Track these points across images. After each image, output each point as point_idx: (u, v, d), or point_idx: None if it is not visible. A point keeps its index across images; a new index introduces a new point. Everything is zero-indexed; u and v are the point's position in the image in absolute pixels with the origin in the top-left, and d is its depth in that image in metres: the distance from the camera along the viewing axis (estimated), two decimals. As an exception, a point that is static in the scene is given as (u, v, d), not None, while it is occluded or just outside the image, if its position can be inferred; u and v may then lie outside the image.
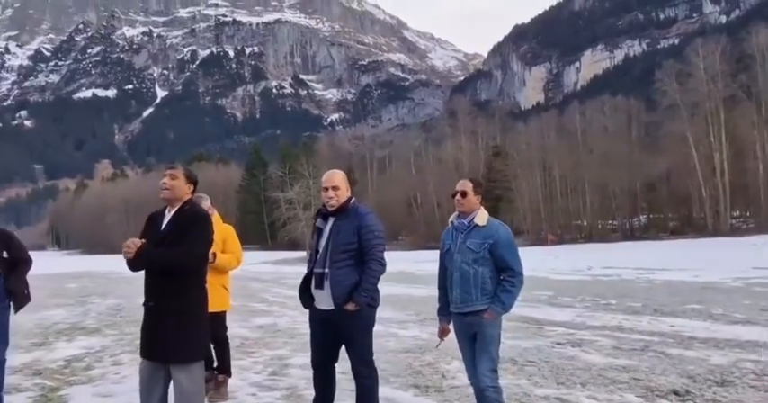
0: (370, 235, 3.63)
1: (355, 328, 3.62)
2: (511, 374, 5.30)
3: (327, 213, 3.72)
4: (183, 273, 3.27)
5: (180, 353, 3.25)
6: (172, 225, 3.33)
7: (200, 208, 3.55)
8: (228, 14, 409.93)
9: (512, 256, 3.64)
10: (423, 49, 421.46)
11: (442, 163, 65.27)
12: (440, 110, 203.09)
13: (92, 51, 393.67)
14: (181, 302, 3.27)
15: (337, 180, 3.69)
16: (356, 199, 3.77)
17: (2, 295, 4.44)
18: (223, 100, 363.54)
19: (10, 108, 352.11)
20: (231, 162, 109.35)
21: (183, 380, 3.25)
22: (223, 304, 5.01)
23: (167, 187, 3.39)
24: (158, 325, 3.26)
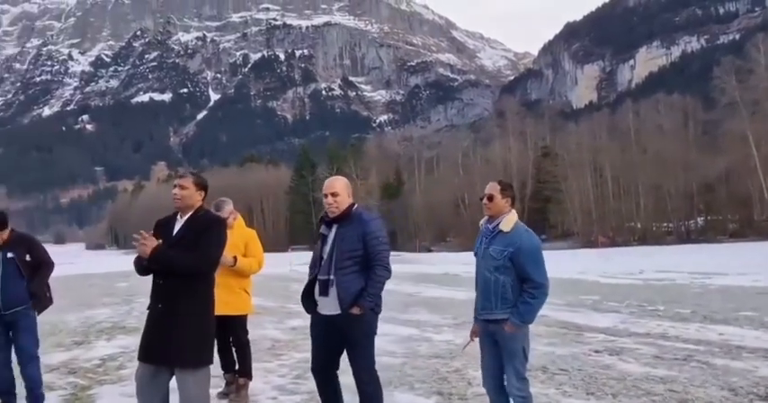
0: (375, 241, 3.62)
1: (358, 334, 3.61)
2: (540, 383, 5.12)
3: (330, 220, 3.71)
4: (196, 276, 3.27)
5: (189, 357, 3.22)
6: (185, 230, 3.33)
7: (213, 213, 3.56)
8: (279, 18, 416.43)
9: (534, 266, 3.56)
10: (472, 49, 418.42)
11: (491, 164, 64.55)
12: (489, 110, 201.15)
13: (149, 57, 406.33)
14: (190, 305, 3.26)
15: (337, 187, 3.66)
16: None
17: (26, 297, 4.57)
18: (274, 102, 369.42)
19: (73, 112, 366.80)
20: (281, 163, 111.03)
21: (191, 385, 3.22)
22: (244, 307, 5.03)
23: (178, 198, 3.40)
24: (167, 328, 3.23)
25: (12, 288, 4.49)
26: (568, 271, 22.06)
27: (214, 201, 5.03)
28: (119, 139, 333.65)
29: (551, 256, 27.43)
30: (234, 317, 4.93)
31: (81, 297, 14.69)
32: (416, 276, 22.43)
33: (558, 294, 13.09)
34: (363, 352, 3.66)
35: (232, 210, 5.06)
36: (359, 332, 3.61)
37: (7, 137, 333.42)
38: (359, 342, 3.63)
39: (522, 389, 3.63)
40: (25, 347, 4.61)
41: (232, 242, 4.86)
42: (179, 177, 3.48)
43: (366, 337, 3.66)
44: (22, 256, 4.60)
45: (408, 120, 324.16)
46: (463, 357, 6.25)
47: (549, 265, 3.77)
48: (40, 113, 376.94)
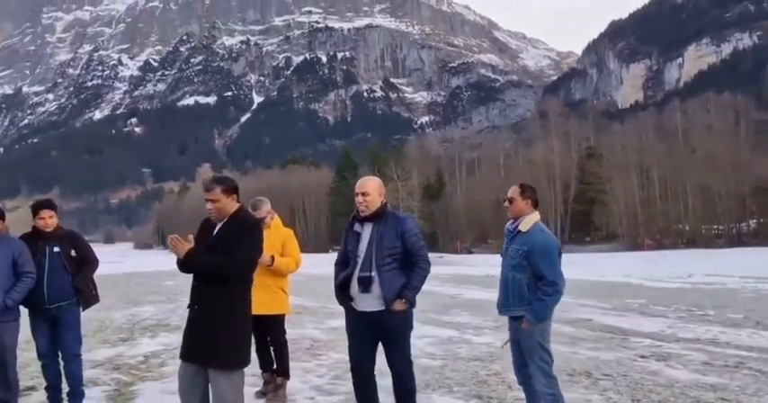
0: (414, 238, 3.76)
1: (399, 329, 3.74)
2: (583, 388, 4.99)
3: (363, 219, 3.82)
4: (230, 280, 3.28)
5: (223, 359, 3.25)
6: (223, 231, 3.38)
7: (251, 215, 3.60)
8: (321, 21, 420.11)
9: (546, 265, 3.70)
10: (514, 49, 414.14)
11: (533, 165, 63.67)
12: (531, 110, 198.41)
13: (194, 61, 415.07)
14: (226, 307, 3.28)
15: (368, 187, 3.78)
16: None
17: (71, 292, 4.66)
18: (316, 104, 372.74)
19: (122, 116, 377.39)
20: (322, 165, 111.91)
21: (224, 387, 3.25)
22: (282, 307, 5.05)
23: (213, 212, 3.44)
24: (202, 328, 3.28)
25: (57, 282, 4.58)
26: (613, 274, 21.60)
27: (251, 200, 5.07)
28: (165, 142, 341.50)
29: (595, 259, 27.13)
30: (271, 317, 4.96)
31: (127, 295, 15.06)
32: (457, 278, 22.27)
33: (603, 298, 12.82)
34: (402, 346, 3.77)
35: (269, 209, 5.09)
36: (399, 327, 3.73)
37: (61, 140, 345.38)
38: (399, 336, 3.75)
39: (549, 386, 3.73)
40: (68, 344, 4.69)
41: (269, 242, 4.89)
42: (206, 191, 3.46)
43: (405, 332, 3.78)
44: (68, 252, 4.69)
45: (450, 122, 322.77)
46: (503, 360, 6.15)
47: (593, 268, 3.76)
48: (91, 117, 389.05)
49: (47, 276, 4.56)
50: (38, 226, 4.72)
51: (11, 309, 4.45)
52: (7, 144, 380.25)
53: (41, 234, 4.71)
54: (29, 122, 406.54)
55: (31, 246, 4.63)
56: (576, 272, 22.72)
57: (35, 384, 5.42)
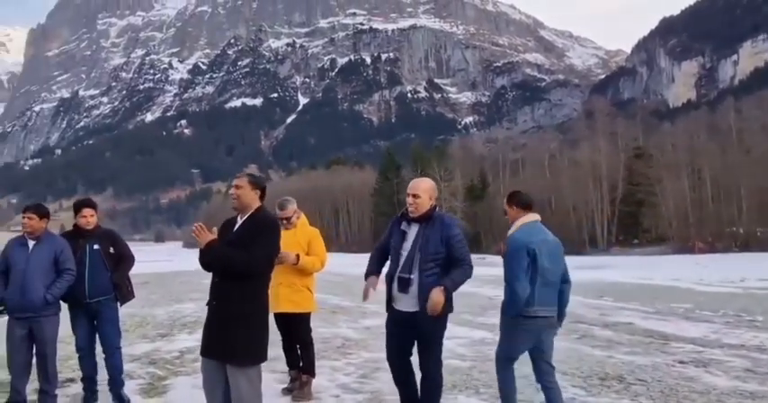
0: (459, 244, 3.77)
1: (434, 330, 3.79)
2: (614, 392, 4.87)
3: (411, 219, 3.86)
4: (245, 277, 3.34)
5: (240, 355, 3.31)
6: (241, 230, 3.45)
7: (270, 215, 3.64)
8: (365, 22, 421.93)
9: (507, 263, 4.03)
10: (560, 48, 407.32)
11: (578, 165, 62.48)
12: (578, 110, 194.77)
13: (241, 63, 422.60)
14: (243, 305, 3.34)
15: (419, 189, 3.82)
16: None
17: (110, 288, 4.85)
18: (360, 105, 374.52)
19: (172, 118, 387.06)
20: (366, 165, 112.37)
21: (241, 384, 3.32)
22: (308, 305, 5.08)
23: (234, 197, 3.53)
24: (220, 325, 3.35)
25: (97, 278, 4.79)
26: (661, 277, 21.01)
27: (278, 199, 5.14)
28: (213, 143, 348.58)
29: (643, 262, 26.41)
30: (297, 315, 5.02)
31: (171, 292, 15.43)
32: (498, 279, 21.91)
33: (646, 301, 12.49)
34: (435, 346, 3.84)
35: (295, 208, 5.15)
36: (434, 328, 3.78)
37: (114, 141, 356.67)
38: (433, 337, 3.81)
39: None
40: (108, 337, 4.92)
41: (295, 240, 4.96)
42: (236, 178, 3.59)
43: (440, 333, 3.85)
44: (107, 249, 4.90)
45: (494, 122, 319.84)
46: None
47: (639, 271, 3.72)
48: (143, 119, 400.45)
49: (87, 272, 4.77)
50: (79, 224, 4.94)
51: (51, 304, 4.65)
52: (64, 145, 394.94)
53: (82, 232, 4.92)
54: (85, 125, 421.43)
55: (72, 243, 4.84)
56: (621, 274, 22.24)
57: (75, 376, 5.61)
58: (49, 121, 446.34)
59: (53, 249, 4.67)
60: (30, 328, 4.60)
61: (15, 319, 4.62)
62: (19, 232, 4.91)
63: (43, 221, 4.73)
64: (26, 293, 4.54)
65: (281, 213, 5.05)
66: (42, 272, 4.59)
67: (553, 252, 4.03)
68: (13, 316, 4.63)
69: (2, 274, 4.63)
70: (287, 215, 5.05)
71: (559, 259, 4.11)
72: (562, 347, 6.90)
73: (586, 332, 8.14)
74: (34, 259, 4.62)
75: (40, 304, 4.56)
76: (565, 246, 18.83)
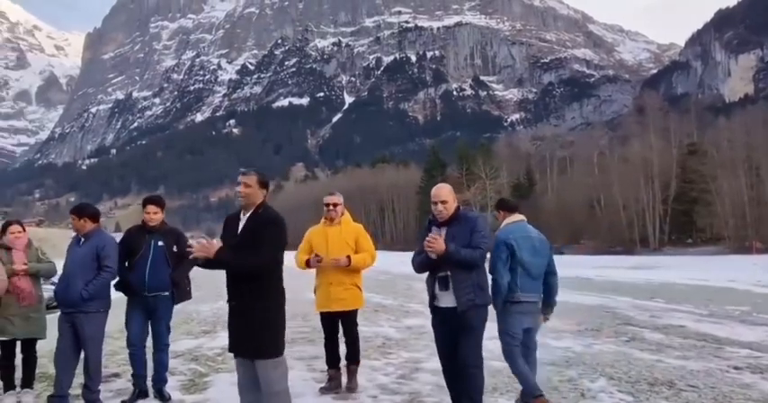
0: (479, 234, 3.93)
1: (473, 322, 3.92)
2: (663, 399, 4.67)
3: (440, 223, 4.05)
4: (258, 275, 3.42)
5: (261, 351, 3.43)
6: (248, 226, 3.50)
7: (273, 212, 3.63)
8: (411, 21, 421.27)
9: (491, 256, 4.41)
10: (610, 43, 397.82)
11: (629, 163, 60.84)
12: (628, 106, 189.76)
13: (288, 63, 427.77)
14: (259, 301, 3.43)
15: (444, 195, 4.02)
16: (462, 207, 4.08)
17: (168, 285, 4.96)
18: (405, 104, 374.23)
19: (221, 118, 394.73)
20: (411, 163, 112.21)
21: (269, 375, 3.43)
22: (356, 303, 5.13)
23: (243, 195, 3.55)
24: (240, 323, 3.46)
25: (157, 273, 4.91)
26: (716, 278, 20.24)
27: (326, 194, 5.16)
28: (261, 142, 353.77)
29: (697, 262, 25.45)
30: (347, 313, 5.08)
31: (217, 289, 15.60)
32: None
33: (700, 303, 12.02)
34: (475, 338, 3.95)
35: (342, 200, 5.16)
36: (473, 321, 3.92)
37: (166, 141, 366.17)
38: (472, 329, 3.93)
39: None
40: (159, 334, 5.05)
41: (342, 239, 4.97)
42: (242, 174, 3.59)
43: (479, 325, 3.96)
44: (170, 246, 5.01)
45: (541, 119, 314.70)
46: (580, 366, 5.87)
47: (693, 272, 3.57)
48: (193, 119, 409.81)
49: (149, 267, 4.89)
50: (144, 220, 5.05)
51: (92, 301, 4.68)
52: (119, 146, 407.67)
53: (148, 228, 5.04)
54: (138, 125, 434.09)
55: (138, 238, 4.99)
56: (673, 275, 21.53)
57: (120, 371, 5.72)
58: (105, 122, 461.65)
59: (95, 246, 4.76)
60: (73, 324, 4.68)
61: (63, 314, 4.74)
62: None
63: (84, 220, 4.81)
64: (68, 289, 4.66)
65: (329, 198, 5.15)
66: (83, 268, 4.68)
67: (535, 247, 4.46)
68: (61, 311, 4.76)
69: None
70: (333, 201, 5.13)
71: (543, 254, 4.53)
72: (610, 350, 6.69)
73: (636, 335, 7.88)
74: (77, 256, 4.73)
75: (78, 300, 4.64)
76: (615, 244, 18.69)
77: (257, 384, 3.51)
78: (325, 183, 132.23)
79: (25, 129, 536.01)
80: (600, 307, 11.30)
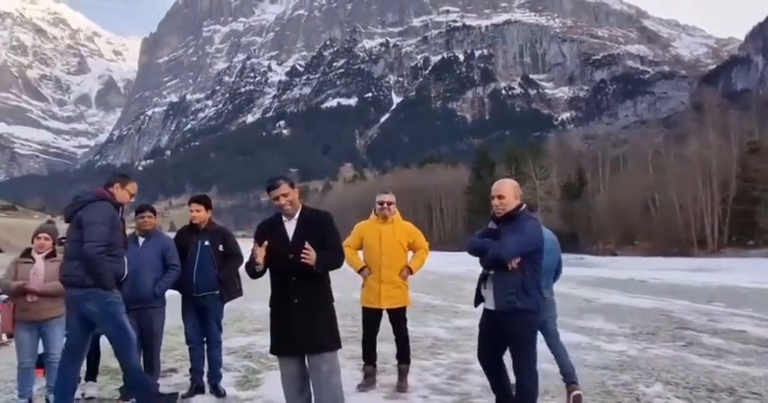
0: (517, 231, 3.75)
1: (517, 331, 3.75)
2: (723, 407, 4.51)
3: (497, 219, 3.94)
4: (336, 268, 3.57)
5: (326, 344, 3.49)
6: (303, 228, 3.56)
7: (320, 210, 3.80)
8: (459, 20, 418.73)
9: None
10: (665, 38, 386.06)
11: (685, 161, 58.95)
12: (685, 103, 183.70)
13: (337, 64, 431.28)
14: (321, 298, 3.54)
15: (503, 190, 3.88)
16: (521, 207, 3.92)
17: (216, 285, 5.08)
18: (453, 103, 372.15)
19: (271, 119, 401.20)
20: (460, 163, 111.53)
21: (326, 373, 3.46)
22: (405, 300, 5.18)
23: (288, 206, 3.58)
24: (305, 320, 3.47)
25: (204, 273, 5.05)
26: (780, 282, 19.43)
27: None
28: (310, 143, 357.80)
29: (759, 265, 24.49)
30: (397, 310, 5.13)
31: (268, 287, 15.88)
32: (597, 281, 21.19)
33: (762, 307, 11.57)
34: (523, 348, 3.77)
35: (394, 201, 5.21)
36: (516, 329, 3.74)
37: (218, 142, 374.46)
38: (518, 338, 3.76)
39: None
40: (212, 332, 5.18)
41: (395, 239, 5.05)
42: (274, 189, 3.60)
43: (525, 334, 3.78)
44: (216, 246, 5.14)
45: (593, 117, 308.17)
46: (635, 370, 5.74)
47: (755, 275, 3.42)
48: (244, 121, 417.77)
49: (196, 267, 5.04)
50: (190, 218, 5.19)
51: (158, 297, 5.00)
52: (173, 147, 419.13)
53: (196, 227, 5.20)
54: (191, 127, 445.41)
55: (186, 238, 5.16)
56: (733, 278, 20.76)
57: (177, 366, 5.90)
58: (160, 125, 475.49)
59: (160, 246, 5.02)
60: (139, 320, 4.91)
61: (128, 311, 4.94)
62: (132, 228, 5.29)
63: (156, 219, 5.11)
64: (137, 287, 4.85)
65: (383, 197, 5.20)
66: (152, 267, 4.94)
67: (547, 246, 4.23)
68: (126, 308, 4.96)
69: None
70: (387, 199, 5.18)
71: (553, 252, 4.60)
72: (666, 355, 6.52)
73: (694, 339, 7.64)
74: (144, 255, 4.95)
75: (149, 297, 4.90)
76: (671, 245, 18.17)
77: (305, 383, 3.55)
78: (373, 183, 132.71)
79: (86, 131, 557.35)
80: (655, 310, 11.00)
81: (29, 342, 4.82)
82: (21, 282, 4.78)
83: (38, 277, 4.80)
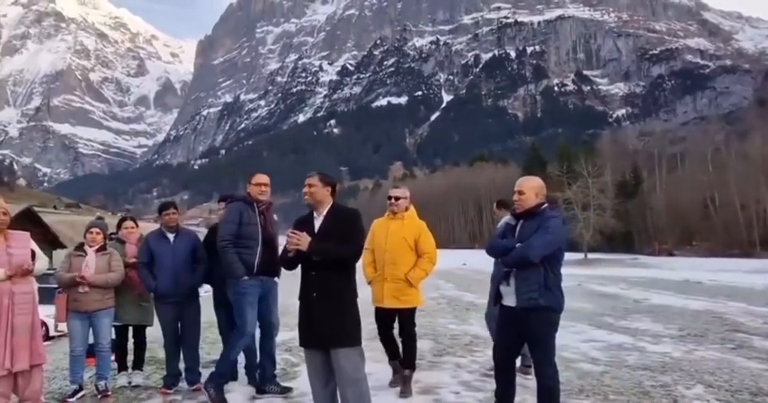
0: (543, 230, 3.74)
1: (538, 328, 3.74)
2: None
3: (517, 215, 3.97)
4: (343, 265, 3.63)
5: (344, 338, 3.56)
6: (328, 223, 3.69)
7: (350, 207, 3.93)
8: (510, 16, 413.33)
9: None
10: (727, 31, 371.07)
11: (747, 159, 56.82)
12: (748, 98, 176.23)
13: (387, 63, 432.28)
14: (341, 293, 3.61)
15: (524, 186, 3.93)
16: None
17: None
18: (505, 101, 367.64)
19: (322, 118, 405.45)
20: (510, 162, 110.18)
21: (347, 367, 3.53)
22: (413, 301, 5.01)
23: (307, 194, 3.79)
24: (324, 315, 3.57)
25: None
26: None
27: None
28: (361, 141, 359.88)
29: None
30: (404, 310, 4.99)
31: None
32: (650, 281, 20.71)
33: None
34: (544, 346, 3.76)
35: (407, 195, 5.10)
36: (538, 326, 3.74)
37: (270, 142, 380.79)
38: (539, 336, 3.76)
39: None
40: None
41: (402, 235, 4.93)
42: (308, 177, 3.84)
43: (546, 332, 3.77)
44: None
45: (650, 114, 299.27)
46: (677, 372, 5.62)
47: None
48: (296, 120, 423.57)
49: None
50: (220, 217, 5.44)
51: (195, 290, 5.31)
52: (227, 146, 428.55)
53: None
54: (245, 127, 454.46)
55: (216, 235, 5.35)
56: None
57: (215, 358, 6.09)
58: (215, 124, 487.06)
59: (192, 241, 5.33)
60: (178, 312, 5.18)
61: (166, 304, 5.19)
62: (194, 223, 5.59)
63: (177, 214, 5.40)
64: (174, 281, 5.11)
65: (391, 191, 5.09)
66: (186, 261, 5.23)
67: None
68: (163, 301, 5.20)
69: (146, 265, 5.20)
70: (395, 194, 5.03)
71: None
72: (712, 358, 6.35)
73: (744, 342, 7.39)
74: (177, 250, 5.20)
75: (186, 290, 5.18)
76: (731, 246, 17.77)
77: (329, 377, 3.63)
78: (423, 181, 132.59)
79: (144, 131, 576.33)
80: (707, 312, 10.67)
81: (80, 331, 5.08)
82: (73, 273, 5.04)
83: (89, 269, 5.06)
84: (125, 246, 5.47)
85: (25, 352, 4.05)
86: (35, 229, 35.92)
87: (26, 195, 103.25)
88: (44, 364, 4.35)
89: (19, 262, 4.09)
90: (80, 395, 4.98)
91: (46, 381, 5.47)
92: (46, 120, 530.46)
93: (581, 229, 56.26)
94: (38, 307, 4.28)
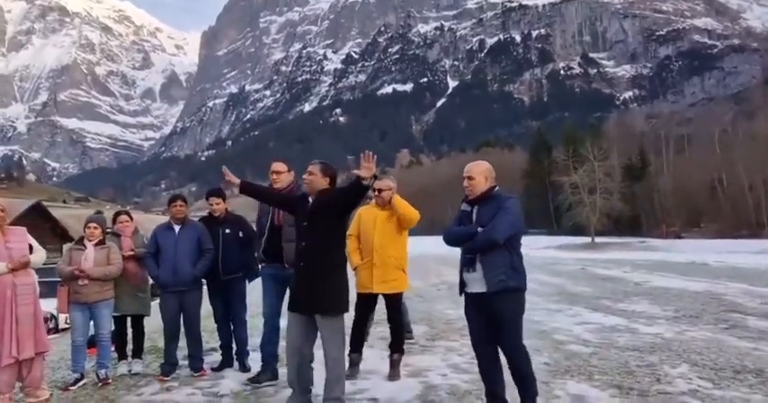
0: (503, 211, 3.73)
1: (507, 311, 3.71)
2: (746, 386, 4.47)
3: (470, 201, 3.95)
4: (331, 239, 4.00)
5: (328, 306, 3.84)
6: (318, 202, 4.04)
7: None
8: (515, 0, 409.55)
9: None
10: (735, 10, 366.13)
11: (756, 140, 56.43)
12: (757, 78, 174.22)
13: (391, 50, 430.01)
14: (326, 263, 3.88)
15: (473, 172, 3.93)
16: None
17: (239, 268, 5.53)
18: (510, 86, 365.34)
19: (328, 107, 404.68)
20: (517, 147, 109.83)
21: (329, 332, 3.85)
22: (400, 285, 5.15)
23: (306, 181, 4.11)
24: (309, 283, 3.86)
25: (228, 259, 5.48)
26: None
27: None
28: (367, 129, 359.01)
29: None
30: (392, 296, 5.13)
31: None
32: (654, 264, 20.69)
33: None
34: (511, 329, 3.73)
35: (392, 185, 5.21)
36: (507, 309, 3.71)
37: (276, 131, 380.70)
38: (507, 319, 3.72)
39: None
40: (237, 312, 5.54)
41: (393, 222, 5.11)
42: (311, 165, 4.16)
43: (514, 315, 3.75)
44: (236, 233, 5.59)
45: (657, 96, 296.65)
46: (665, 352, 5.72)
47: None
48: (301, 109, 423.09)
49: (221, 253, 5.46)
50: (211, 210, 5.60)
51: (197, 280, 5.48)
52: (234, 137, 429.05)
53: (215, 218, 5.66)
54: (251, 117, 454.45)
55: (208, 228, 5.56)
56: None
57: (216, 346, 6.25)
58: (221, 116, 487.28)
59: (196, 232, 5.48)
60: (180, 301, 5.37)
61: (168, 294, 5.38)
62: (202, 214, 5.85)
63: (186, 208, 5.55)
64: (177, 271, 5.31)
65: (377, 184, 5.02)
66: (189, 252, 5.41)
67: None
68: (166, 291, 5.39)
69: (153, 256, 5.40)
70: (379, 186, 5.07)
71: None
72: (703, 337, 6.44)
73: (738, 322, 7.46)
74: (182, 241, 5.37)
75: (189, 280, 5.34)
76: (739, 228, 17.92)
77: (305, 344, 3.94)
78: (429, 168, 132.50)
79: (151, 124, 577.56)
80: (706, 293, 10.73)
81: (81, 322, 5.26)
82: (73, 266, 5.21)
83: (88, 263, 5.22)
84: (120, 240, 5.62)
85: (30, 341, 4.22)
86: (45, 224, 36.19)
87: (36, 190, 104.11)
88: (47, 353, 4.51)
89: (19, 255, 4.25)
90: (82, 383, 5.17)
91: (50, 371, 5.67)
92: (53, 115, 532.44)
93: (587, 213, 56.22)
94: (38, 297, 4.45)
